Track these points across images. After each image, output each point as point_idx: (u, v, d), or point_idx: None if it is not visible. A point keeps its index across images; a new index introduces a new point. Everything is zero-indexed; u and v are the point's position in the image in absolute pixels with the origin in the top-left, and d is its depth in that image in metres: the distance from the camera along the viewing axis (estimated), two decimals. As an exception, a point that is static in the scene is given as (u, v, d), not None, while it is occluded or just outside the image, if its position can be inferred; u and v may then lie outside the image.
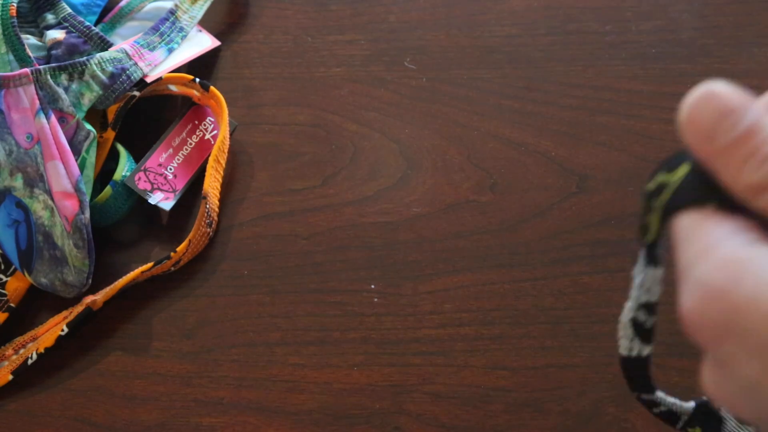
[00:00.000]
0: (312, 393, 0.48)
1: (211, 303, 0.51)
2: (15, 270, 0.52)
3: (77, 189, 0.50)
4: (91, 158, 0.52)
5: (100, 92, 0.53)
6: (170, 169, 0.54)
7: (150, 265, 0.51)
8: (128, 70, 0.54)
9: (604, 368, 0.47)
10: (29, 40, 0.57)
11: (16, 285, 0.52)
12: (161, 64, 0.56)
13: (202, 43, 0.59)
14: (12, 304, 0.52)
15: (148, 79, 0.55)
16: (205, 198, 0.52)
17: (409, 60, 0.59)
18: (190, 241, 0.51)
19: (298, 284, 0.51)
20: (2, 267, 0.53)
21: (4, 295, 0.52)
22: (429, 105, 0.57)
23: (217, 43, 0.59)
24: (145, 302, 0.52)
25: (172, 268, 0.52)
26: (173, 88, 0.56)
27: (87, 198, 0.51)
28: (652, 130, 0.55)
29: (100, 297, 0.50)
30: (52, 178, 0.50)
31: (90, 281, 0.51)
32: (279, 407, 0.48)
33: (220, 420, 0.48)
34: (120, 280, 0.51)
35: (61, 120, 0.52)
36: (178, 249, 0.51)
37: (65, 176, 0.50)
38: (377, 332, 0.50)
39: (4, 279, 0.52)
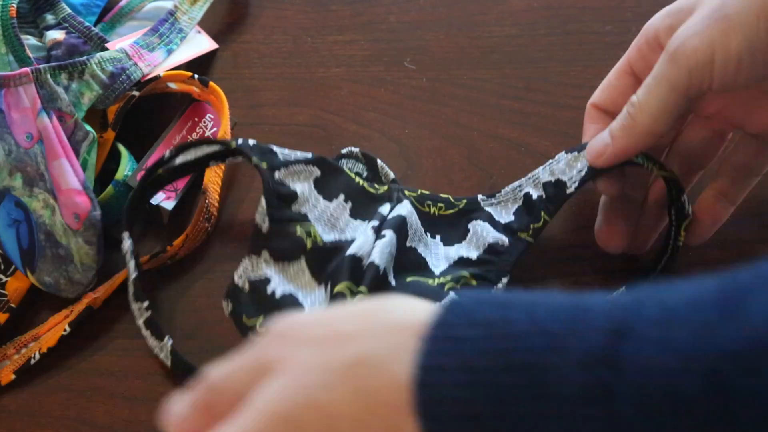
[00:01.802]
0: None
1: (211, 303, 0.51)
2: (15, 270, 0.52)
3: (85, 187, 0.51)
4: (92, 159, 0.53)
5: (100, 92, 0.54)
6: (171, 168, 0.54)
7: (146, 258, 0.51)
8: (128, 69, 0.55)
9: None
10: (29, 40, 0.57)
11: (16, 285, 0.52)
12: (160, 65, 0.56)
13: (200, 44, 0.59)
14: (12, 305, 0.52)
15: (145, 79, 0.55)
16: (204, 193, 0.52)
17: (409, 60, 0.59)
18: (187, 235, 0.51)
19: (298, 284, 0.51)
20: (2, 267, 0.53)
21: (5, 295, 0.52)
22: (429, 105, 0.57)
23: (215, 45, 0.59)
24: (145, 302, 0.52)
25: (169, 262, 0.52)
26: (172, 85, 0.56)
27: (94, 196, 0.51)
28: (652, 130, 0.54)
29: (100, 294, 0.50)
30: (59, 177, 0.50)
31: (96, 279, 0.51)
32: (279, 407, 0.48)
33: (221, 420, 0.48)
34: (117, 275, 0.51)
35: (60, 119, 0.52)
36: (174, 243, 0.51)
37: (73, 174, 0.50)
38: (377, 332, 0.49)
39: (4, 279, 0.52)
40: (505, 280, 0.47)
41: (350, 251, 0.45)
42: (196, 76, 0.55)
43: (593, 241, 0.51)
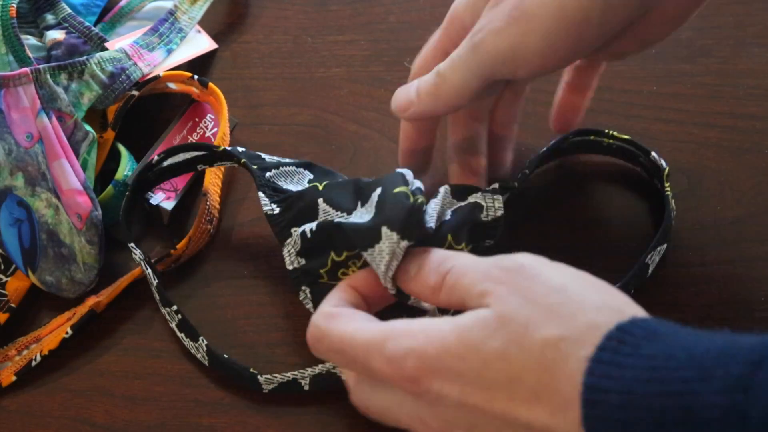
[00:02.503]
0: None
1: (211, 303, 0.51)
2: (15, 270, 0.52)
3: (86, 186, 0.51)
4: (92, 159, 0.53)
5: (100, 92, 0.54)
6: (171, 168, 0.54)
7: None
8: (128, 69, 0.55)
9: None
10: (29, 40, 0.57)
11: (16, 285, 0.52)
12: (160, 65, 0.56)
13: (200, 44, 0.59)
14: (12, 305, 0.52)
15: (144, 79, 0.55)
16: (205, 195, 0.52)
17: (409, 60, 0.59)
18: (190, 238, 0.51)
19: (298, 284, 0.51)
20: (2, 267, 0.53)
21: (5, 295, 0.52)
22: (429, 105, 0.57)
23: (214, 45, 0.60)
24: (146, 302, 0.52)
25: (173, 266, 0.52)
26: (172, 86, 0.56)
27: (95, 195, 0.51)
28: (652, 130, 0.55)
29: (103, 298, 0.50)
30: (60, 177, 0.50)
31: (97, 279, 0.51)
32: (279, 407, 0.48)
33: (220, 420, 0.48)
34: (122, 279, 0.51)
35: (59, 119, 0.52)
36: (178, 246, 0.51)
37: (73, 174, 0.50)
38: (377, 332, 0.49)
39: (4, 279, 0.52)
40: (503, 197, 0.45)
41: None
42: (196, 77, 0.55)
43: (593, 242, 0.51)
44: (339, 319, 0.38)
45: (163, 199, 0.53)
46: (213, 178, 0.53)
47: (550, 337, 0.31)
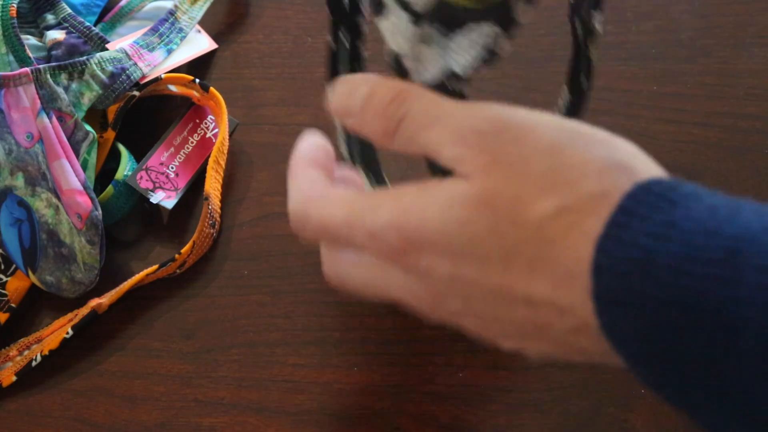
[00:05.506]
0: (312, 393, 0.48)
1: (212, 303, 0.51)
2: (15, 269, 0.52)
3: (86, 186, 0.51)
4: (92, 159, 0.53)
5: (100, 92, 0.54)
6: (172, 167, 0.54)
7: (155, 267, 0.51)
8: (128, 69, 0.55)
9: (604, 368, 0.47)
10: (29, 40, 0.57)
11: (16, 285, 0.52)
12: (160, 65, 0.56)
13: (200, 44, 0.59)
14: (12, 305, 0.52)
15: (145, 80, 0.55)
16: (207, 199, 0.52)
17: (409, 60, 0.59)
18: (194, 242, 0.51)
19: (298, 284, 0.51)
20: (2, 267, 0.53)
21: (5, 295, 0.52)
22: (429, 105, 0.57)
23: (214, 45, 0.60)
24: (145, 302, 0.52)
25: (178, 271, 0.52)
26: (173, 88, 0.56)
27: (95, 195, 0.51)
28: (652, 130, 0.55)
29: (105, 300, 0.50)
30: (60, 177, 0.50)
31: (98, 279, 0.51)
32: (279, 407, 0.48)
33: (220, 420, 0.48)
34: (125, 283, 0.51)
35: (59, 120, 0.52)
36: (182, 251, 0.51)
37: (73, 174, 0.51)
38: (377, 332, 0.50)
39: (5, 279, 0.52)
40: None
41: None
42: (197, 80, 0.55)
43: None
44: (314, 202, 0.34)
45: (163, 197, 0.53)
46: (213, 182, 0.53)
47: (545, 212, 0.28)
